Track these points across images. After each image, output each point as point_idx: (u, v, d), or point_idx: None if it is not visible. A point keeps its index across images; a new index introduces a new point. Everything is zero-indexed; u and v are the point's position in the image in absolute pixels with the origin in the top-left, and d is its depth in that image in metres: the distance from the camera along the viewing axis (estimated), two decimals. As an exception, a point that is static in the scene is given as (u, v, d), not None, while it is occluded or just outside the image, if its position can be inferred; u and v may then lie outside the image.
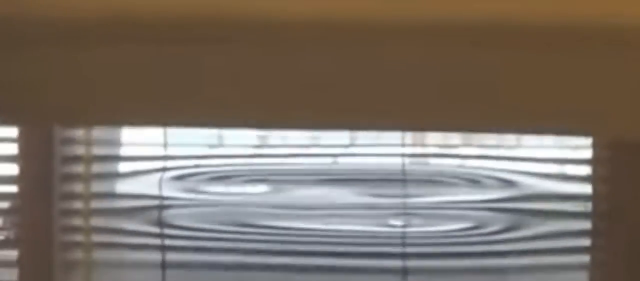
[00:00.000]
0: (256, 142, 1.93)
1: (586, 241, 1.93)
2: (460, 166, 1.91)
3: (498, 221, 1.92)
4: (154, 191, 1.93)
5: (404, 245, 1.92)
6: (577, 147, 1.92)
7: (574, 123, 1.80)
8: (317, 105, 1.77)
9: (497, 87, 1.76)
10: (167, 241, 1.94)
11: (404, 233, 1.92)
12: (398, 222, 1.92)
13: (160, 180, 1.93)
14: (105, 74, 1.79)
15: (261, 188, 1.93)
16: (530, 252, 1.93)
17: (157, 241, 1.94)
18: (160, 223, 1.93)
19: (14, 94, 1.78)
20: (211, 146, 1.93)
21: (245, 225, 1.93)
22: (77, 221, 1.95)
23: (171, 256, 1.94)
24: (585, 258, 1.94)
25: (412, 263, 1.92)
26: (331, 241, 1.93)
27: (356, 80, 1.76)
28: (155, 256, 1.95)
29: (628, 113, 1.77)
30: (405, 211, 1.91)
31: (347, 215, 1.92)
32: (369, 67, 1.75)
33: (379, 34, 1.73)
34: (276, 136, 1.92)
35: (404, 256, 1.92)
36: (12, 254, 1.96)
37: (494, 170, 1.91)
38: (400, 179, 1.91)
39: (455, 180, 1.91)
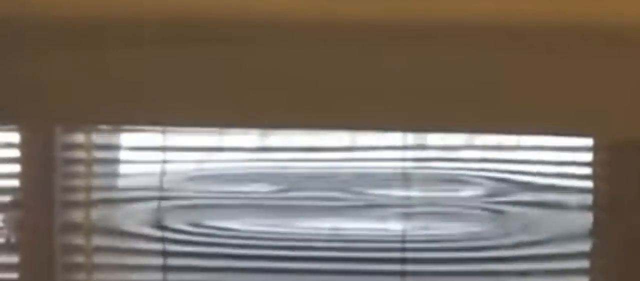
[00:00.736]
0: (256, 142, 1.93)
1: (586, 245, 1.93)
2: (460, 167, 1.91)
3: (498, 223, 1.92)
4: (155, 193, 1.93)
5: (403, 248, 1.91)
6: (577, 148, 1.92)
7: (574, 124, 1.80)
8: (317, 106, 1.77)
9: (498, 88, 1.76)
10: (168, 245, 1.93)
11: (403, 235, 1.91)
12: (398, 224, 1.92)
13: (161, 182, 1.93)
14: (105, 75, 1.79)
15: (261, 188, 1.92)
16: (531, 255, 1.92)
17: (158, 245, 1.94)
18: (162, 227, 1.93)
19: (14, 94, 1.78)
20: (212, 147, 1.93)
21: (245, 226, 1.93)
22: (78, 224, 1.95)
23: (172, 260, 1.94)
24: (586, 262, 1.94)
25: (411, 266, 1.92)
26: (330, 244, 1.92)
27: (357, 80, 1.76)
28: (157, 260, 1.95)
29: (628, 114, 1.77)
30: (405, 213, 1.91)
31: (347, 216, 1.92)
32: (370, 67, 1.76)
33: (380, 34, 1.74)
34: (276, 136, 1.92)
35: (403, 259, 1.92)
36: (13, 259, 1.95)
37: (494, 171, 1.91)
38: (401, 181, 1.90)
39: (455, 182, 1.91)
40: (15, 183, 1.94)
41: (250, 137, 1.92)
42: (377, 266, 1.93)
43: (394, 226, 1.92)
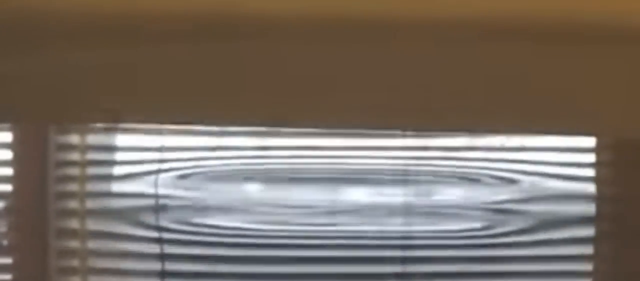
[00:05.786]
0: (256, 141, 1.92)
1: (589, 246, 1.93)
2: (462, 167, 1.91)
3: (500, 223, 1.92)
4: (151, 192, 1.92)
5: (404, 246, 1.91)
6: (580, 148, 1.92)
7: (577, 124, 1.79)
8: (318, 105, 1.77)
9: (501, 87, 1.76)
10: (166, 246, 1.93)
11: (404, 234, 1.91)
12: (399, 223, 1.91)
13: (157, 182, 1.92)
14: (103, 74, 1.78)
15: (260, 188, 1.92)
16: (532, 255, 1.92)
17: (155, 246, 1.93)
18: (158, 227, 1.92)
19: (11, 93, 1.77)
20: (211, 145, 1.92)
21: (245, 226, 1.92)
22: (73, 226, 1.94)
23: (169, 264, 1.93)
24: (588, 265, 1.94)
25: (411, 266, 1.92)
26: (330, 243, 1.92)
27: (358, 79, 1.76)
28: (154, 264, 1.94)
29: (631, 114, 1.77)
30: (406, 213, 1.91)
31: (347, 216, 1.92)
32: (371, 66, 1.75)
33: (381, 32, 1.73)
34: (276, 135, 1.91)
35: (404, 258, 1.92)
36: (7, 261, 1.94)
37: (496, 170, 1.91)
38: (402, 180, 1.90)
39: (457, 181, 1.91)
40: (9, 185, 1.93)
41: (248, 137, 1.92)
42: (377, 267, 1.93)
43: (394, 226, 1.92)
